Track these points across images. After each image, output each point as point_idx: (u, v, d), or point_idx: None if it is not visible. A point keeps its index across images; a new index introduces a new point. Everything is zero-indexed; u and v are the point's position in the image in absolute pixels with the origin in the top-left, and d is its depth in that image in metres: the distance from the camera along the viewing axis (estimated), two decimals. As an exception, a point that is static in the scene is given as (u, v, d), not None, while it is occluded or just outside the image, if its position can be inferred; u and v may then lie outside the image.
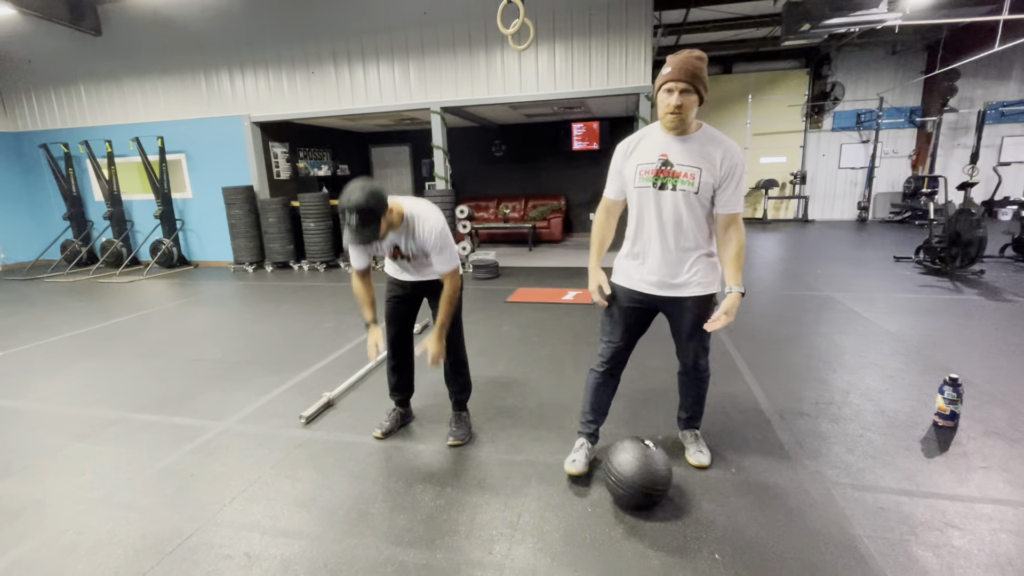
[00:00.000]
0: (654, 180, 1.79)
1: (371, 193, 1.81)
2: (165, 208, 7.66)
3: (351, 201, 1.79)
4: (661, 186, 1.79)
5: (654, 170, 1.79)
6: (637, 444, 1.88)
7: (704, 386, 2.12)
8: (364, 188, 1.82)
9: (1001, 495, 1.89)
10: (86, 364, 3.68)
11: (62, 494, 2.11)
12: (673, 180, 1.77)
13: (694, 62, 1.69)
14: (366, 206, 1.79)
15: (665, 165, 1.78)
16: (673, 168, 1.77)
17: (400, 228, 2.04)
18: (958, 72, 10.16)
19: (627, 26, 6.00)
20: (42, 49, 7.83)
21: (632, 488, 1.80)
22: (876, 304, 4.49)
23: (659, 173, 1.78)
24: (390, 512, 1.92)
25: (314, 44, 6.93)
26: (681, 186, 1.76)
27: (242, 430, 2.60)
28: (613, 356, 2.03)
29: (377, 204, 1.82)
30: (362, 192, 1.80)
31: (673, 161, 1.77)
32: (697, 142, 1.77)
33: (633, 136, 1.90)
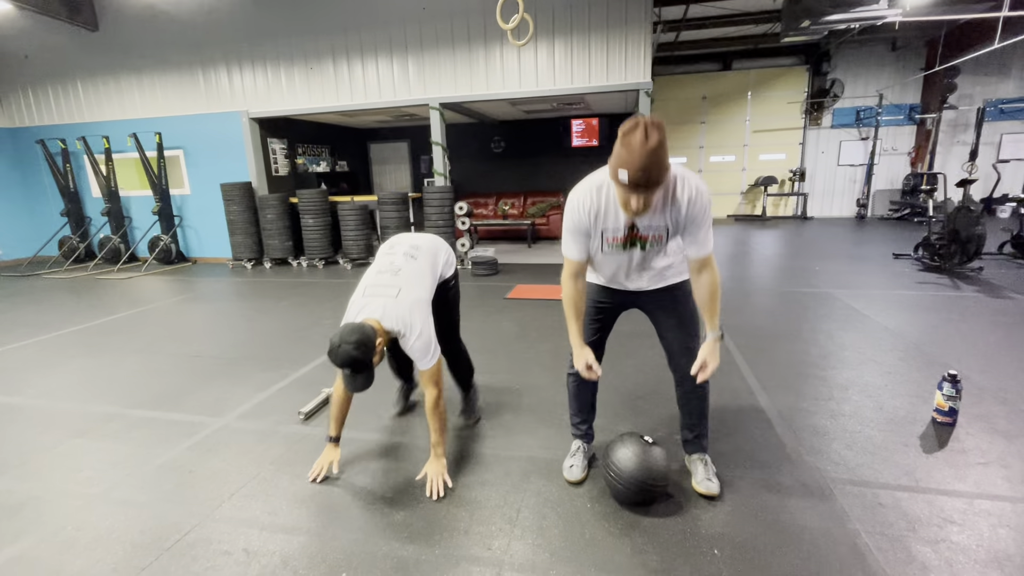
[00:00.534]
0: (623, 245, 1.73)
1: (357, 343, 1.76)
2: (163, 204, 7.64)
3: (340, 358, 1.76)
4: (631, 245, 1.73)
5: (622, 237, 1.71)
6: (635, 439, 1.88)
7: (706, 397, 1.98)
8: (351, 341, 1.75)
9: (1000, 491, 1.89)
10: (84, 360, 3.67)
11: (60, 490, 2.10)
12: (641, 242, 1.71)
13: (652, 159, 1.42)
14: (355, 359, 1.75)
15: (632, 229, 1.69)
16: (640, 232, 1.69)
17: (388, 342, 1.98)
18: (958, 69, 10.15)
19: (626, 22, 5.98)
20: (38, 44, 7.79)
21: (631, 484, 1.80)
22: (875, 301, 4.50)
23: (627, 239, 1.71)
24: (389, 508, 1.91)
25: (313, 40, 6.90)
26: (651, 245, 1.72)
27: (241, 426, 2.60)
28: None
29: (365, 353, 1.77)
30: (350, 346, 1.75)
31: (640, 225, 1.68)
32: (662, 199, 1.62)
33: (592, 194, 1.69)
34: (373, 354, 1.80)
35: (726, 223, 11.37)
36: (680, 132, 12.11)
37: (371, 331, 1.82)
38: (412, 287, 2.01)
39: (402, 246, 2.20)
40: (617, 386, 2.86)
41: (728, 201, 12.32)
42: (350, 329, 1.80)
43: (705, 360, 1.71)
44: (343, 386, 1.95)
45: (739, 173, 12.11)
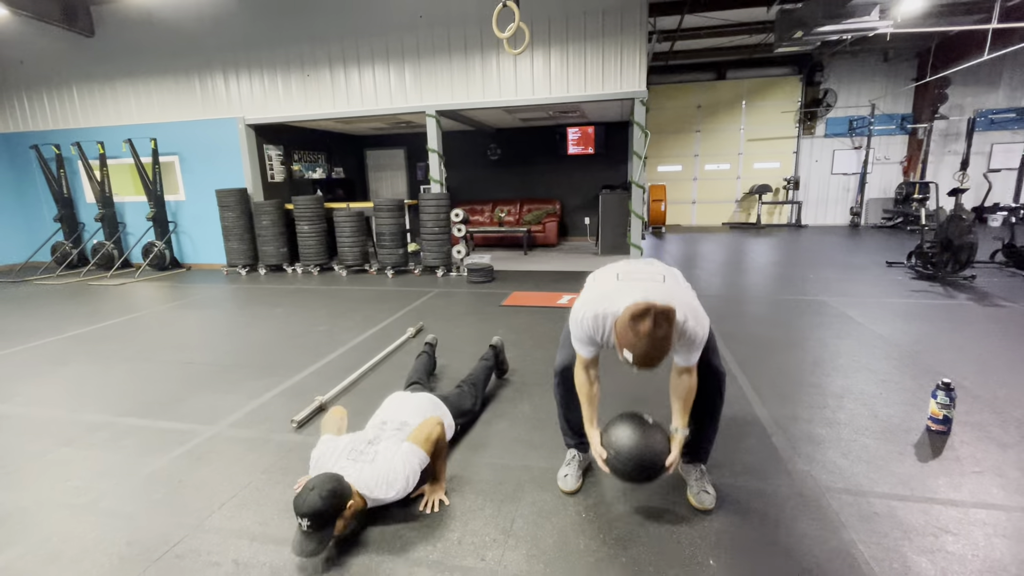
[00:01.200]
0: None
1: (330, 493, 1.62)
2: (157, 210, 7.61)
3: (304, 504, 1.59)
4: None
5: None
6: (635, 418, 1.81)
7: (720, 394, 1.89)
8: (324, 487, 1.63)
9: (995, 500, 1.89)
10: (74, 367, 3.63)
11: (46, 500, 2.07)
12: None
13: (658, 347, 1.48)
14: (322, 511, 1.59)
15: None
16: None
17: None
18: (948, 80, 10.29)
19: (622, 31, 6.04)
20: (34, 50, 7.78)
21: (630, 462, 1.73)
22: (869, 309, 4.52)
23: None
24: (382, 518, 1.89)
25: (309, 46, 6.92)
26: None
27: (233, 434, 2.57)
28: (569, 367, 1.95)
29: (334, 508, 1.62)
30: (318, 493, 1.60)
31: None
32: None
33: (598, 323, 1.70)
34: (340, 513, 1.65)
35: (721, 231, 11.44)
36: (675, 141, 12.20)
37: (348, 489, 1.69)
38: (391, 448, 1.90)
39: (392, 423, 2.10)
40: (614, 391, 2.84)
41: (723, 209, 12.40)
42: (326, 477, 1.67)
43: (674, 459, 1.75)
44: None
45: (734, 181, 12.19)
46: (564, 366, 1.98)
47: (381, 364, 3.49)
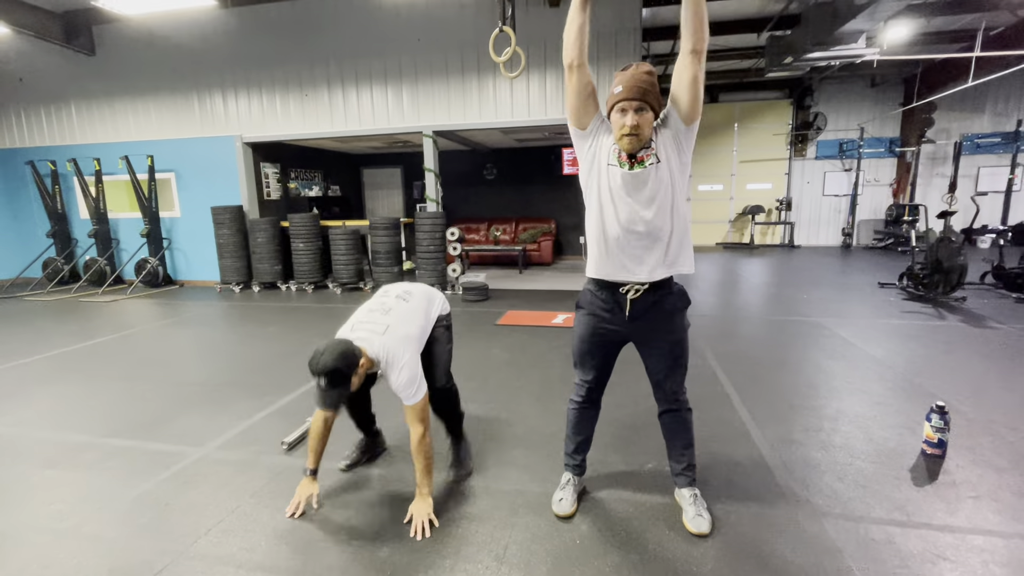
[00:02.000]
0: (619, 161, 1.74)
1: (341, 354, 1.77)
2: (152, 227, 7.59)
3: (320, 365, 1.75)
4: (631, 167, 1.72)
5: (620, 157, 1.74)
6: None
7: (689, 426, 1.96)
8: (334, 351, 1.77)
9: (992, 526, 1.87)
10: (61, 387, 3.57)
11: (27, 524, 2.01)
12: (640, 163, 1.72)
13: (644, 78, 1.64)
14: (335, 368, 1.75)
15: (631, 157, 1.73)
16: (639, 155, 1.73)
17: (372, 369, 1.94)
18: (934, 105, 10.53)
19: (616, 56, 6.16)
20: (34, 67, 7.84)
21: None
22: (862, 330, 4.54)
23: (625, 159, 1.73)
24: (372, 544, 1.85)
25: (308, 67, 7.01)
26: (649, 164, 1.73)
27: (221, 456, 2.52)
28: (592, 385, 2.00)
29: (347, 366, 1.77)
30: (332, 355, 1.76)
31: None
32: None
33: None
34: (353, 371, 1.78)
35: (715, 250, 11.52)
36: (669, 161, 12.34)
37: (356, 349, 1.83)
38: (401, 324, 2.00)
39: (395, 290, 2.22)
40: (607, 416, 2.81)
41: (717, 229, 12.51)
42: (336, 342, 1.82)
43: None
44: (318, 407, 1.94)
45: (727, 202, 12.33)
46: (582, 389, 2.02)
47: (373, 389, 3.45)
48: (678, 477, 2.01)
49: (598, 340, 1.92)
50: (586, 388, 2.01)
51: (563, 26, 1.77)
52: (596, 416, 2.09)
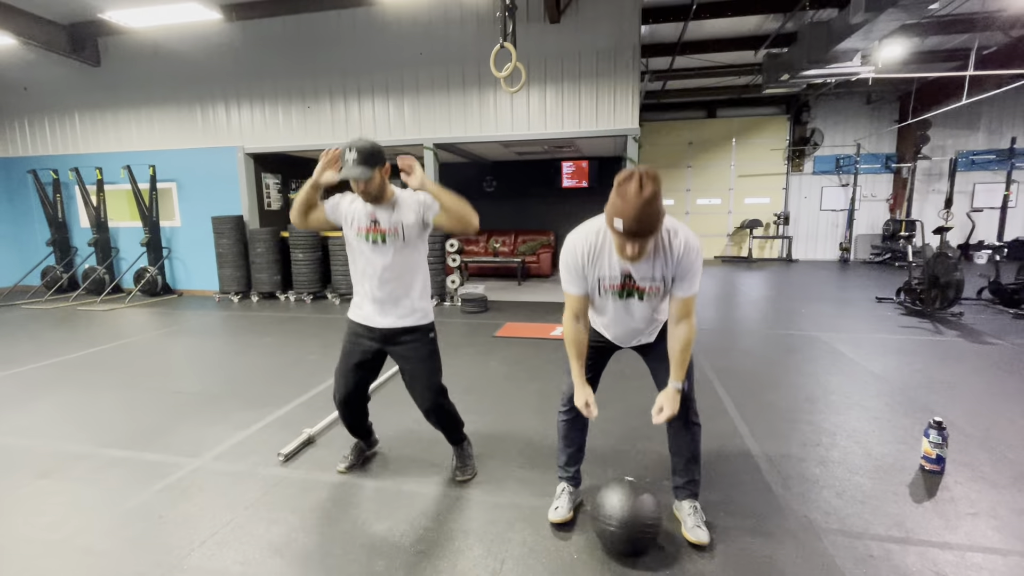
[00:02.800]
0: (619, 293, 1.76)
1: (374, 144, 1.97)
2: (152, 236, 7.61)
3: (354, 140, 1.95)
4: (627, 296, 1.76)
5: (619, 285, 1.75)
6: (624, 486, 1.83)
7: (697, 440, 1.95)
8: (369, 139, 1.97)
9: (991, 543, 1.87)
10: (58, 395, 3.56)
11: (18, 535, 1.99)
12: (639, 292, 1.74)
13: (646, 210, 1.45)
14: (370, 148, 1.94)
15: (628, 279, 1.73)
16: (636, 283, 1.73)
17: (387, 203, 2.06)
18: (929, 122, 10.66)
19: (615, 71, 6.24)
20: (39, 77, 7.91)
21: (624, 530, 1.74)
22: (860, 344, 4.54)
23: (623, 287, 1.75)
24: (368, 558, 1.84)
25: (311, 79, 7.09)
26: (648, 297, 1.75)
27: (217, 468, 2.51)
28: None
29: (376, 148, 1.96)
30: (366, 140, 1.96)
31: (635, 276, 1.71)
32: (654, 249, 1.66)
33: (590, 238, 1.72)
34: (381, 157, 1.96)
35: (713, 264, 11.56)
36: (667, 175, 12.45)
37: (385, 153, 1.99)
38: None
39: None
40: (605, 430, 2.82)
41: (715, 243, 12.57)
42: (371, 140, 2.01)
43: (662, 406, 1.77)
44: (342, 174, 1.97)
45: (725, 216, 12.41)
46: (570, 396, 1.99)
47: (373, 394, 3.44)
48: (679, 490, 2.00)
49: (592, 345, 1.94)
50: (572, 395, 1.99)
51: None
52: (585, 425, 2.08)
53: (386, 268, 2.07)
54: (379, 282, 2.08)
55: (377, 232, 2.05)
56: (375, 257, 2.07)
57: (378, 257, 2.07)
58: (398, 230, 2.05)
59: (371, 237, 2.06)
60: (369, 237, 2.06)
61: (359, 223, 2.07)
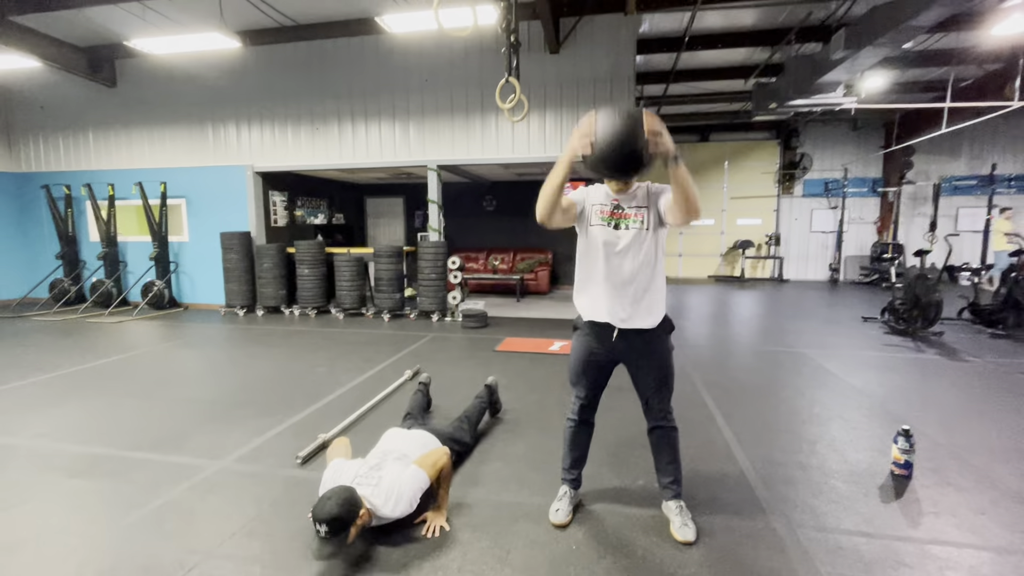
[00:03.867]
0: (609, 220, 2.02)
1: (344, 501, 1.82)
2: (161, 250, 7.81)
3: (324, 511, 1.77)
4: (617, 227, 2.01)
5: (608, 211, 2.03)
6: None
7: (675, 442, 2.15)
8: (339, 496, 1.83)
9: (949, 537, 2.07)
10: (79, 403, 3.72)
11: (61, 528, 2.16)
12: (626, 220, 2.01)
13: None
14: (339, 516, 1.78)
15: (618, 209, 2.03)
16: (625, 211, 2.02)
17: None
18: (913, 149, 11.07)
19: (611, 98, 6.56)
20: (56, 96, 8.19)
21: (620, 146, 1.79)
22: (844, 361, 4.77)
23: (612, 214, 2.02)
24: (387, 547, 2.02)
25: (320, 102, 7.39)
26: (635, 224, 2.00)
27: (239, 469, 2.68)
28: (584, 403, 2.22)
29: (348, 513, 1.81)
30: (336, 501, 1.81)
31: (624, 205, 2.03)
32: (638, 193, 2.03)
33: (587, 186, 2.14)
34: (353, 520, 1.81)
35: (706, 283, 11.83)
36: (662, 196, 12.82)
37: (360, 501, 1.88)
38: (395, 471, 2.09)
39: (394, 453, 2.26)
40: (602, 437, 2.99)
41: (708, 262, 12.86)
42: (341, 488, 1.89)
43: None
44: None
45: (718, 236, 12.73)
46: (576, 407, 2.23)
47: (381, 404, 3.63)
48: (664, 490, 2.20)
49: (592, 360, 2.14)
50: (579, 405, 2.22)
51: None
52: (590, 433, 2.28)
53: None
54: None
55: None
56: None
57: None
58: None
59: None
60: None
61: None
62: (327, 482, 2.08)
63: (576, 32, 6.46)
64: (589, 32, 6.47)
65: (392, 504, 1.99)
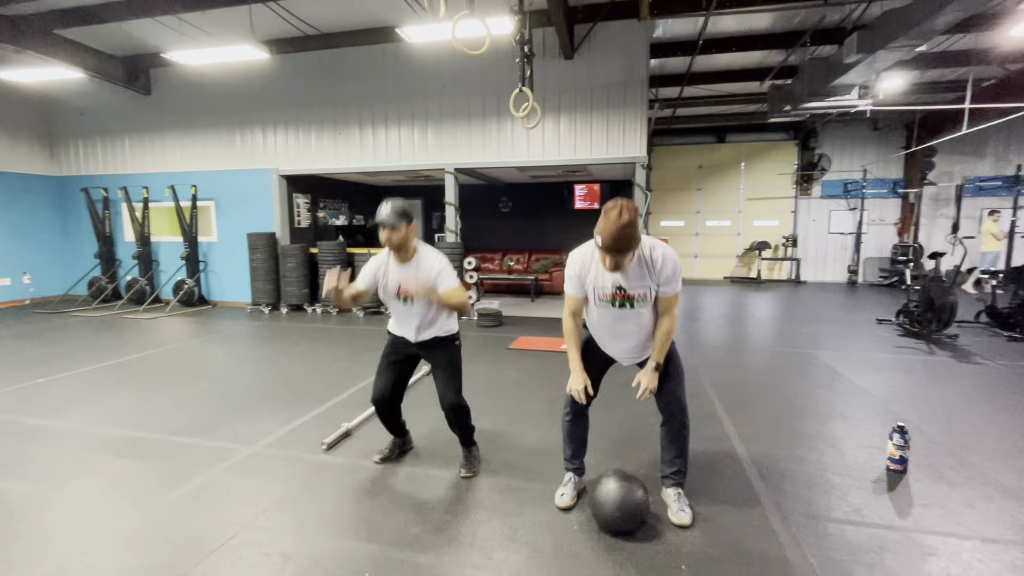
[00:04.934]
0: (611, 302, 2.12)
1: (405, 204, 2.42)
2: (191, 250, 8.18)
3: (390, 200, 2.39)
4: (620, 305, 2.12)
5: (609, 295, 2.10)
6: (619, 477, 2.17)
7: (686, 436, 2.27)
8: (402, 200, 2.42)
9: (935, 527, 2.17)
10: (122, 392, 4.01)
11: (115, 500, 2.40)
12: (630, 301, 2.10)
13: (622, 232, 1.87)
14: (401, 206, 2.40)
15: (619, 290, 2.09)
16: (627, 292, 2.08)
17: (412, 260, 2.48)
18: (935, 149, 10.91)
19: (625, 103, 6.69)
20: (94, 104, 8.64)
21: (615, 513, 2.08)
22: (853, 362, 4.82)
23: (614, 297, 2.11)
24: (404, 524, 2.21)
25: (342, 108, 7.67)
26: (638, 304, 2.11)
27: (270, 453, 2.91)
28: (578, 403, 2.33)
29: (406, 212, 2.39)
30: (400, 200, 2.43)
31: (626, 286, 2.08)
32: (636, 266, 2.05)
33: (585, 254, 2.17)
34: (408, 218, 2.39)
35: (722, 284, 11.83)
36: (677, 198, 12.84)
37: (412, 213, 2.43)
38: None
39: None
40: (607, 431, 3.17)
41: (724, 264, 12.85)
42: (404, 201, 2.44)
43: (640, 381, 2.18)
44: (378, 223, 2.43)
45: (734, 237, 12.70)
46: (570, 400, 2.37)
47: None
48: (666, 479, 2.35)
49: (589, 357, 2.31)
50: (574, 402, 2.34)
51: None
52: (586, 424, 2.43)
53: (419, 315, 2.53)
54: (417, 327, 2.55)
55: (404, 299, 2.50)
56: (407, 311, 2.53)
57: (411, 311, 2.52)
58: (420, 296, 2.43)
59: (402, 298, 2.51)
60: (400, 298, 2.51)
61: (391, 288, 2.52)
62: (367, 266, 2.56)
63: (590, 38, 6.60)
64: (603, 38, 6.61)
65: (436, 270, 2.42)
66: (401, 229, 2.39)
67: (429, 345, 2.57)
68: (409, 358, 2.64)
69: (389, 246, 2.45)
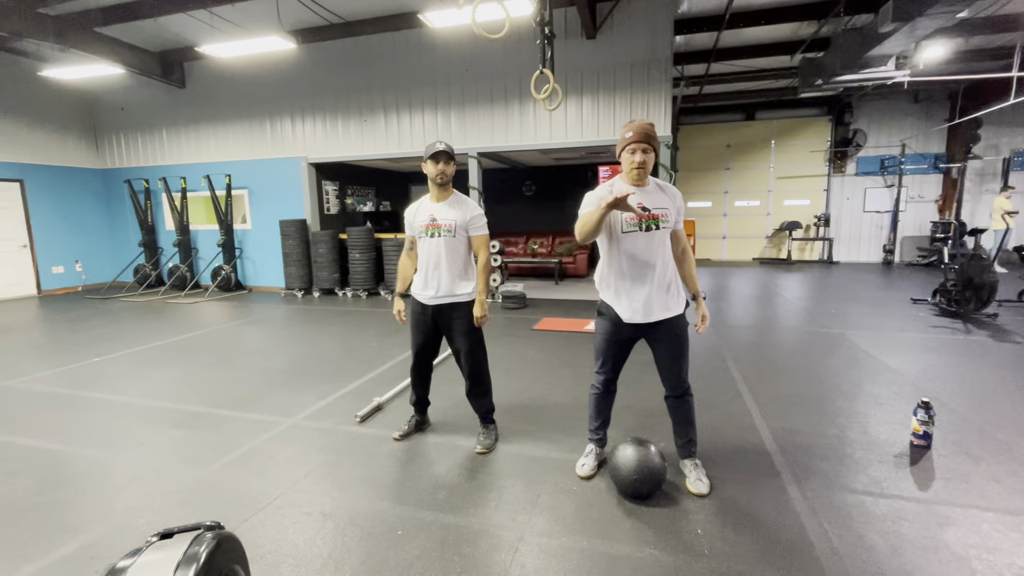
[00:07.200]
0: (640, 224, 2.18)
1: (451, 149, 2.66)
2: (227, 237, 8.52)
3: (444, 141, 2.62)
4: (646, 228, 2.19)
5: (636, 216, 2.16)
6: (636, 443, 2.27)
7: (691, 406, 2.36)
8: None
9: (955, 500, 2.19)
10: (170, 370, 4.29)
11: (171, 466, 2.62)
12: (655, 221, 2.17)
13: (648, 127, 2.14)
14: (451, 147, 2.63)
15: (645, 211, 2.16)
16: (652, 212, 2.17)
17: (450, 199, 2.68)
18: (980, 121, 10.37)
19: (648, 82, 6.60)
20: (134, 99, 9.00)
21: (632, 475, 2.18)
22: (883, 342, 4.74)
23: (641, 218, 2.17)
24: (433, 489, 2.35)
25: (367, 95, 7.79)
26: (662, 224, 2.19)
27: (308, 425, 3.10)
28: (608, 376, 2.44)
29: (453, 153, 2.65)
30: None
31: (650, 207, 2.17)
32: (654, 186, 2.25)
33: (603, 188, 2.28)
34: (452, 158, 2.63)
35: (751, 266, 11.62)
36: (705, 178, 12.60)
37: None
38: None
39: None
40: (631, 405, 3.25)
41: (753, 244, 12.59)
42: None
43: (703, 315, 2.31)
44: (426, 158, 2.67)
45: (764, 218, 12.41)
46: (600, 379, 2.46)
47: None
48: (680, 449, 2.42)
49: (615, 339, 2.37)
50: (603, 378, 2.45)
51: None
52: (612, 400, 2.52)
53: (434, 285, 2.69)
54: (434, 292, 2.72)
55: (434, 230, 2.66)
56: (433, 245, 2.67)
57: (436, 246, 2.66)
58: (452, 226, 2.63)
59: (431, 239, 2.65)
60: (431, 236, 2.66)
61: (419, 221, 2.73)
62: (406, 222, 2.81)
63: (612, 17, 6.51)
64: (625, 16, 6.51)
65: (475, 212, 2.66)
66: (452, 165, 2.60)
67: (445, 311, 2.69)
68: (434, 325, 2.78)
69: (442, 177, 2.62)
